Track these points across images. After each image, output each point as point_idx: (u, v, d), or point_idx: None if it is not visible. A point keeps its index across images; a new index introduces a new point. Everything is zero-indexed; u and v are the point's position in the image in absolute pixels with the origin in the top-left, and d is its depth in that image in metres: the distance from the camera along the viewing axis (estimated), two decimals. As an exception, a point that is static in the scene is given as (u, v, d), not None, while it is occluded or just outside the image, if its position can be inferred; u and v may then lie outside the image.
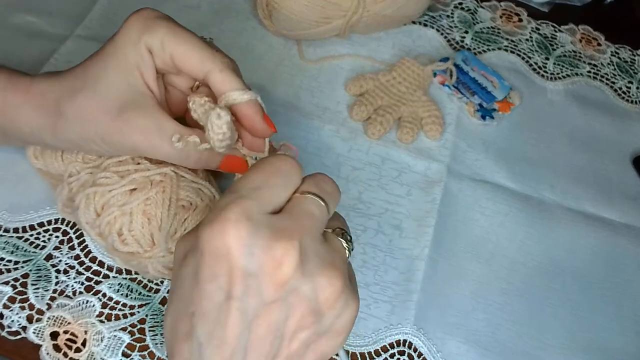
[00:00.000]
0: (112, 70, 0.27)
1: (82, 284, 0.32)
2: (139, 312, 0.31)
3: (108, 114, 0.26)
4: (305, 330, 0.21)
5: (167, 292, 0.32)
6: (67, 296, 0.31)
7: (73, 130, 0.27)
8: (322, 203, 0.23)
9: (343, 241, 0.24)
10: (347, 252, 0.24)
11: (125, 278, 0.32)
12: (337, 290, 0.21)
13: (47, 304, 0.31)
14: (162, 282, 0.33)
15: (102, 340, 0.30)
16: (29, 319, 0.30)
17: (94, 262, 0.33)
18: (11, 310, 0.31)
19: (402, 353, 0.32)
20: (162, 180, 0.29)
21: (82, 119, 0.27)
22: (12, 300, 0.31)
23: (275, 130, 0.28)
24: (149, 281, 0.32)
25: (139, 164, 0.30)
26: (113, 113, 0.26)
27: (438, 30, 0.47)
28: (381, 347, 0.32)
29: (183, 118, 0.31)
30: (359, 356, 0.32)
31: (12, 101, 0.27)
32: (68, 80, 0.27)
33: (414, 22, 0.47)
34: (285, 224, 0.21)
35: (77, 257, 0.33)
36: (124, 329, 0.31)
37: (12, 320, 0.30)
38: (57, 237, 0.33)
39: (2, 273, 0.31)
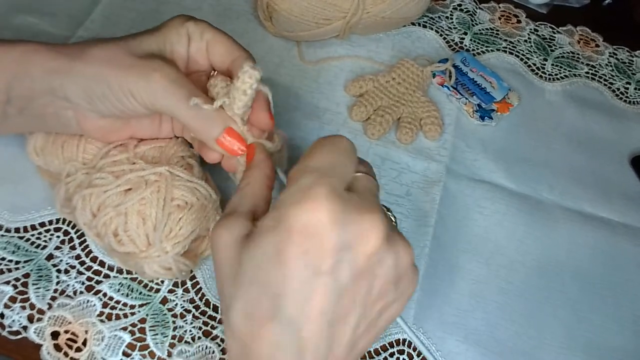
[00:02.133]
0: (147, 40, 0.29)
1: (83, 283, 0.32)
2: (139, 311, 0.31)
3: (132, 56, 0.27)
4: (384, 298, 0.23)
5: (168, 291, 0.32)
6: (67, 296, 0.31)
7: (90, 69, 0.27)
8: (375, 181, 0.25)
9: (390, 214, 0.27)
10: (395, 224, 0.26)
11: (126, 278, 0.32)
12: (411, 259, 0.23)
13: (48, 303, 0.31)
14: (162, 281, 0.33)
15: (102, 340, 0.30)
16: (30, 319, 0.31)
17: (95, 262, 0.33)
18: (12, 309, 0.31)
19: (401, 352, 0.32)
20: (157, 180, 0.29)
21: (105, 60, 0.27)
22: (13, 299, 0.31)
23: (273, 122, 0.29)
24: (150, 281, 0.33)
25: (134, 163, 0.30)
26: (137, 56, 0.27)
27: (437, 32, 0.47)
28: (381, 346, 0.33)
29: None
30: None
31: (33, 48, 0.28)
32: (101, 39, 0.29)
33: (413, 24, 0.47)
34: (362, 200, 0.22)
35: (77, 256, 0.33)
36: (124, 329, 0.31)
37: (13, 320, 0.30)
38: (58, 237, 0.33)
39: (3, 273, 0.32)
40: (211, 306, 0.32)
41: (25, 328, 0.30)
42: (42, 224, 0.33)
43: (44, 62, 0.27)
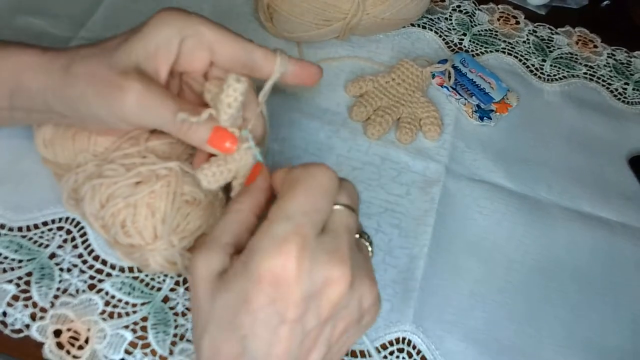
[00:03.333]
0: (130, 44, 0.27)
1: (85, 282, 0.32)
2: (141, 310, 0.32)
3: (111, 72, 0.27)
4: (347, 333, 0.24)
5: (170, 290, 0.33)
6: (70, 294, 0.32)
7: (74, 91, 0.27)
8: (355, 214, 0.24)
9: (367, 244, 0.26)
10: (370, 252, 0.26)
11: (128, 276, 0.33)
12: (375, 296, 0.24)
13: (51, 302, 0.31)
14: (164, 280, 0.33)
15: (104, 338, 0.30)
16: (33, 317, 0.31)
17: (97, 261, 0.33)
18: (15, 308, 0.31)
19: (401, 350, 0.33)
20: (167, 175, 0.29)
21: (87, 76, 0.27)
22: (15, 298, 0.31)
23: (320, 67, 0.30)
24: (152, 279, 0.33)
25: (144, 157, 0.30)
26: (115, 71, 0.27)
27: (436, 33, 0.48)
28: (380, 345, 0.33)
29: None
30: (358, 353, 0.32)
31: (27, 60, 0.28)
32: (85, 48, 0.28)
33: (412, 25, 0.47)
34: (334, 244, 0.23)
35: (80, 255, 0.33)
36: (126, 327, 0.31)
37: (16, 318, 0.31)
38: (60, 235, 0.33)
39: (6, 271, 0.32)
40: (212, 305, 0.33)
41: (27, 326, 0.31)
42: (44, 223, 0.34)
43: (37, 77, 0.27)
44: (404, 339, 0.33)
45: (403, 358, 0.32)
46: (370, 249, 0.26)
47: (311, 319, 0.22)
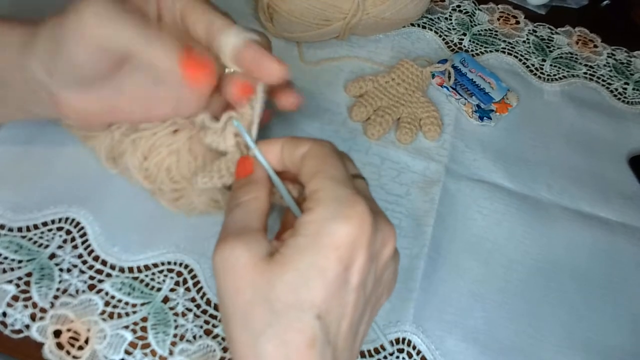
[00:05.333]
0: None
1: (85, 282, 0.32)
2: (141, 310, 0.32)
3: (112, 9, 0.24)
4: (380, 285, 0.24)
5: (170, 290, 0.33)
6: (70, 295, 0.32)
7: (45, 31, 0.25)
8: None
9: (364, 182, 0.27)
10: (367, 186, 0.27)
11: (128, 277, 0.33)
12: (394, 237, 0.24)
13: (50, 302, 0.31)
14: (163, 280, 0.33)
15: (104, 338, 0.30)
16: (32, 317, 0.31)
17: (97, 261, 0.33)
18: (14, 308, 0.31)
19: (401, 351, 0.33)
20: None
21: (78, 19, 0.24)
22: (15, 298, 0.31)
23: (286, 65, 0.26)
24: (151, 280, 0.33)
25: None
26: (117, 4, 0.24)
27: (436, 33, 0.47)
28: (380, 345, 0.33)
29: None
30: (358, 354, 0.32)
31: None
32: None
33: (412, 25, 0.47)
34: (373, 206, 0.23)
35: (80, 255, 0.33)
36: (126, 327, 0.31)
37: (16, 319, 0.31)
38: (60, 236, 0.33)
39: (6, 272, 0.32)
40: (212, 305, 0.33)
41: (27, 327, 0.31)
42: (44, 224, 0.34)
43: (10, 37, 0.26)
44: (404, 339, 0.33)
45: (403, 358, 0.32)
46: (367, 186, 0.27)
47: (370, 282, 0.22)
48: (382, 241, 0.22)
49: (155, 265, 0.33)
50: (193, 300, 0.32)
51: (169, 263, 0.33)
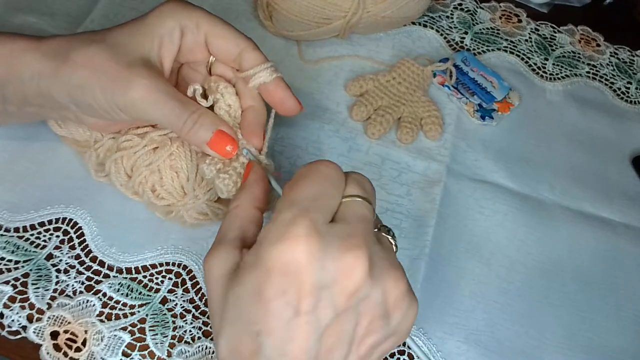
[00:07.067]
0: (133, 37, 0.27)
1: (83, 283, 0.32)
2: (139, 311, 0.31)
3: (116, 65, 0.26)
4: (374, 334, 0.21)
5: (168, 291, 0.32)
6: (67, 296, 0.31)
7: (75, 75, 0.26)
8: (370, 204, 0.23)
9: (389, 237, 0.24)
10: (394, 247, 0.24)
11: (126, 277, 0.32)
12: (402, 291, 0.22)
13: (48, 303, 0.31)
14: (162, 282, 0.33)
15: (102, 340, 0.30)
16: (29, 319, 0.30)
17: (95, 262, 0.33)
18: (11, 309, 0.31)
19: (402, 353, 0.32)
20: (179, 136, 0.30)
21: (89, 65, 0.26)
22: (12, 299, 0.31)
23: (302, 108, 0.30)
24: (149, 281, 0.32)
25: (153, 126, 0.31)
26: (121, 65, 0.26)
27: (438, 31, 0.47)
28: (381, 347, 0.32)
29: None
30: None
31: (21, 47, 0.27)
32: (86, 35, 0.28)
33: (413, 23, 0.47)
34: (349, 231, 0.21)
35: (77, 256, 0.33)
36: (124, 329, 0.31)
37: (13, 320, 0.30)
38: (57, 236, 0.33)
39: (3, 272, 0.31)
40: (211, 306, 0.32)
41: (24, 328, 0.30)
42: (41, 224, 0.33)
43: (31, 64, 0.27)
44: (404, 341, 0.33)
45: (404, 360, 0.32)
46: (392, 242, 0.24)
47: (326, 311, 0.20)
48: (336, 268, 0.20)
49: (154, 266, 0.33)
50: (192, 301, 0.32)
51: (167, 264, 0.33)
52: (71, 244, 0.33)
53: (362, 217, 0.22)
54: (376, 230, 0.24)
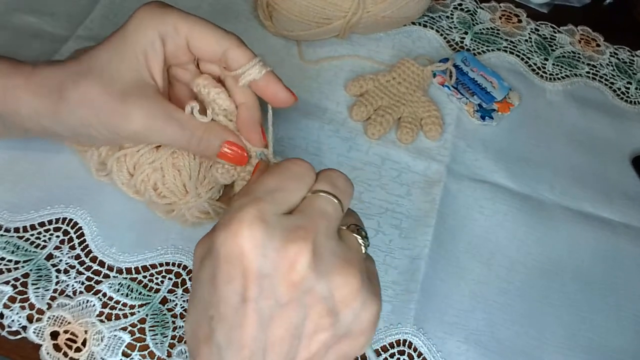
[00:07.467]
0: (118, 56, 0.27)
1: (83, 283, 0.32)
2: (139, 311, 0.31)
3: (111, 99, 0.26)
4: (324, 331, 0.21)
5: (168, 291, 0.32)
6: (67, 296, 0.31)
7: (74, 115, 0.27)
8: (336, 200, 0.23)
9: (358, 237, 0.23)
10: (363, 248, 0.23)
11: (126, 278, 0.32)
12: (353, 289, 0.21)
13: (48, 303, 0.31)
14: (162, 282, 0.33)
15: (102, 340, 0.30)
16: (29, 319, 0.30)
17: (95, 262, 0.33)
18: (11, 309, 0.30)
19: (402, 353, 0.32)
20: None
21: (85, 104, 0.27)
22: (12, 299, 0.31)
23: (296, 98, 0.29)
24: (149, 281, 0.32)
25: None
26: (116, 98, 0.26)
27: (438, 31, 0.47)
28: (381, 347, 0.32)
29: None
30: (358, 356, 0.32)
31: (13, 85, 0.27)
32: (72, 66, 0.27)
33: (413, 23, 0.47)
34: (299, 223, 0.21)
35: (77, 256, 0.33)
36: (124, 329, 0.31)
37: (13, 320, 0.30)
38: (57, 236, 0.33)
39: (3, 273, 0.31)
40: (211, 306, 0.32)
41: (24, 328, 0.30)
42: (41, 224, 0.33)
43: (27, 103, 0.27)
44: (404, 341, 0.33)
45: (404, 360, 0.32)
46: (362, 242, 0.23)
47: (269, 301, 0.20)
48: (278, 257, 0.20)
49: (154, 266, 0.33)
50: (192, 301, 0.32)
51: (167, 264, 0.33)
52: (71, 244, 0.33)
53: (321, 211, 0.22)
54: (345, 227, 0.24)
